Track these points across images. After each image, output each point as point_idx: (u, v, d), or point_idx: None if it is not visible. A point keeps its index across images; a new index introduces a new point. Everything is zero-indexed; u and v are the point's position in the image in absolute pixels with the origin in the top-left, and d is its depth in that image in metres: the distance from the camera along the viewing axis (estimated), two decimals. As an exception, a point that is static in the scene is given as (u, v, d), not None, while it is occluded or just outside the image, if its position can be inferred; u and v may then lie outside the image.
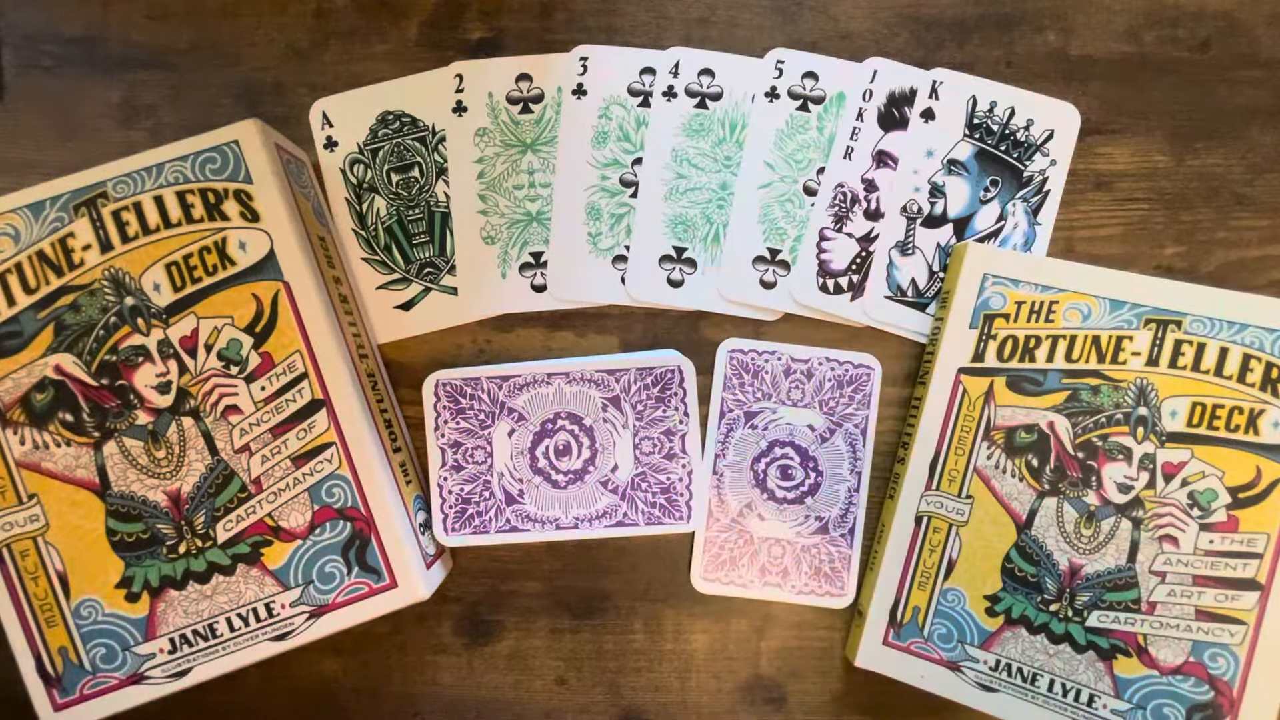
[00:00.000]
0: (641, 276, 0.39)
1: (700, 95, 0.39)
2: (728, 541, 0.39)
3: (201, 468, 0.33)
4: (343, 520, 0.34)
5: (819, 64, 0.38)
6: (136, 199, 0.33)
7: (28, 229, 0.33)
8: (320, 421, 0.34)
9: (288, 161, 0.35)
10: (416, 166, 0.39)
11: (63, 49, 0.39)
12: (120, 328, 0.33)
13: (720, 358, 0.39)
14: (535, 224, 0.39)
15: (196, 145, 0.33)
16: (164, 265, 0.33)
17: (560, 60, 0.39)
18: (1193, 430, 0.35)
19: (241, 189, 0.33)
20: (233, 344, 0.33)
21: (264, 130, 0.34)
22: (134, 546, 0.33)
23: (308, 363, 0.33)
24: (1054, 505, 0.36)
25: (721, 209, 0.39)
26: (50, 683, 0.33)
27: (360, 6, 0.39)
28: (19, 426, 0.33)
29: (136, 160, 0.33)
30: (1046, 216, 0.38)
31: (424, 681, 0.40)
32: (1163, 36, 0.38)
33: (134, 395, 0.33)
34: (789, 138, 0.39)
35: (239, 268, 0.33)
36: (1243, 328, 0.34)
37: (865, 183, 0.38)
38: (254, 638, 0.33)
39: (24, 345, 0.33)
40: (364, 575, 0.34)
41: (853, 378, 0.38)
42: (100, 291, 0.33)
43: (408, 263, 0.39)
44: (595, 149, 0.39)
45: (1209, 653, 0.34)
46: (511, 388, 0.37)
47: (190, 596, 0.33)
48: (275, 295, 0.33)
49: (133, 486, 0.33)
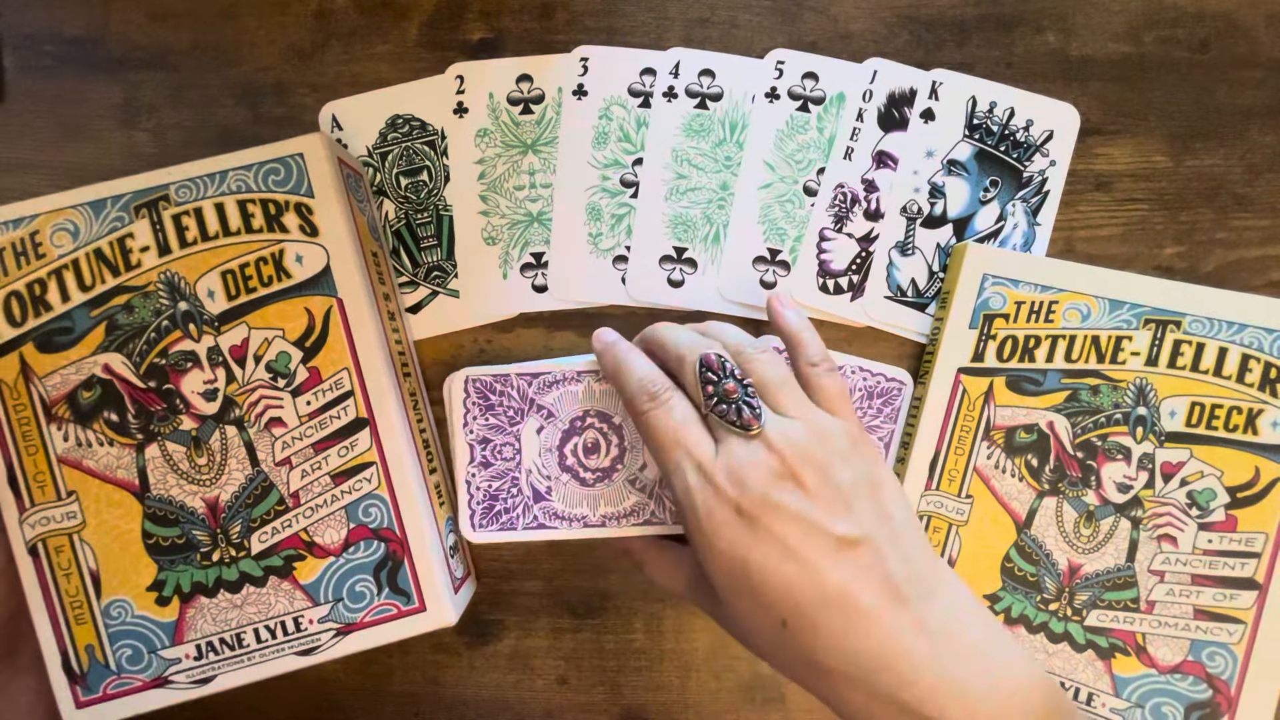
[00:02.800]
0: (642, 277, 0.39)
1: (701, 96, 0.39)
2: None
3: (241, 478, 0.33)
4: (377, 540, 0.34)
5: (819, 64, 0.39)
6: (198, 204, 0.33)
7: (87, 226, 0.33)
8: (362, 440, 0.34)
9: (348, 176, 0.35)
10: (425, 170, 0.39)
11: (63, 49, 0.39)
12: (172, 332, 0.33)
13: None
14: (536, 224, 0.39)
15: (261, 155, 0.33)
16: (220, 273, 0.33)
17: (561, 61, 0.39)
18: (1191, 430, 0.35)
19: (303, 202, 0.33)
20: (282, 357, 0.33)
21: (329, 144, 0.34)
22: (169, 551, 0.33)
23: (355, 381, 0.34)
24: (1053, 505, 0.36)
25: (722, 209, 0.39)
26: (75, 679, 0.33)
27: (361, 7, 0.39)
28: (63, 422, 0.33)
29: (201, 166, 0.33)
30: (1046, 217, 0.38)
31: (425, 681, 0.40)
32: (1162, 37, 0.38)
33: (180, 400, 0.33)
34: (789, 138, 0.39)
35: (294, 281, 0.33)
36: (1242, 328, 0.35)
37: (865, 183, 0.39)
38: (280, 651, 0.33)
39: (75, 342, 0.33)
40: (394, 597, 0.34)
41: (883, 390, 0.38)
42: (155, 294, 0.33)
43: (415, 266, 0.39)
44: (596, 149, 0.39)
45: (1207, 651, 0.35)
46: (541, 384, 0.37)
47: (220, 605, 0.33)
48: (328, 311, 0.33)
49: (172, 491, 0.33)
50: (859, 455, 0.29)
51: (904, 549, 0.28)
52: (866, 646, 0.26)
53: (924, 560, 0.28)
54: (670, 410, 0.30)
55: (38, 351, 0.33)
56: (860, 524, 0.27)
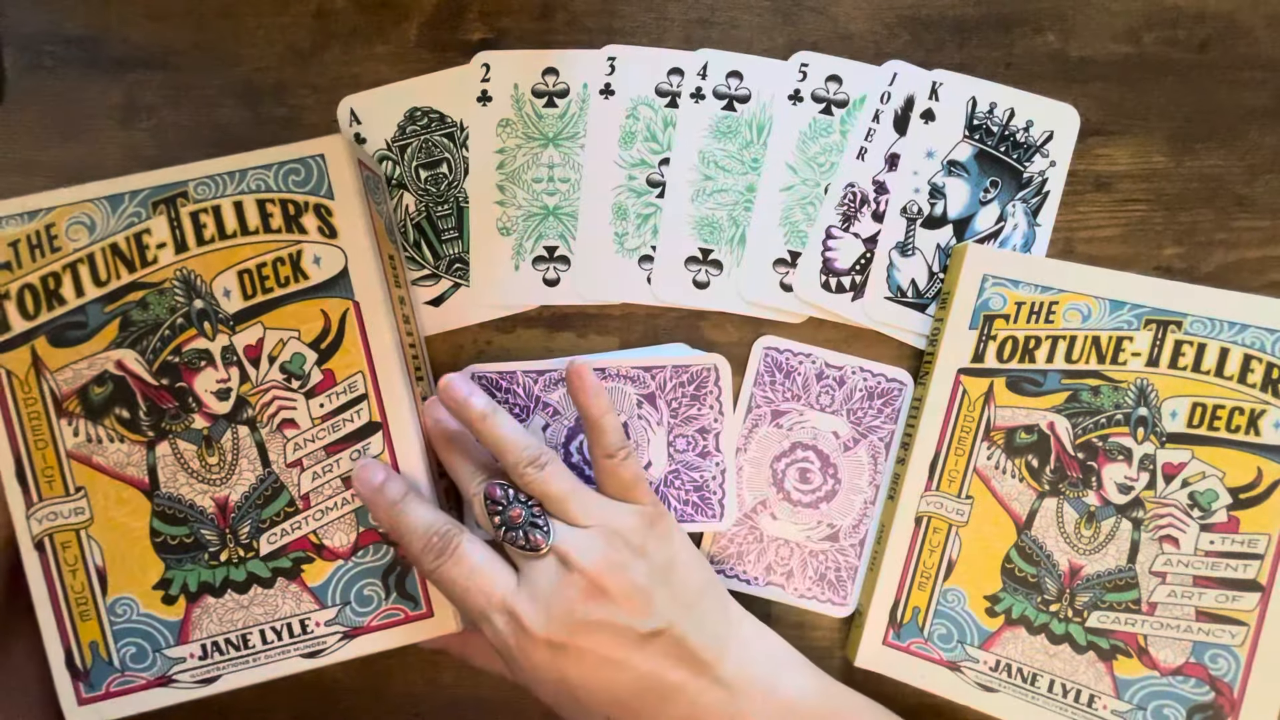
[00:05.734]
0: (667, 277, 0.39)
1: (728, 97, 0.39)
2: (737, 535, 0.39)
3: (252, 478, 0.33)
4: (386, 545, 0.34)
5: (843, 67, 0.38)
6: (216, 202, 0.33)
7: (104, 221, 0.33)
8: (375, 444, 0.34)
9: (366, 177, 0.35)
10: (445, 162, 0.39)
11: (63, 49, 0.39)
12: (186, 330, 0.33)
13: (755, 354, 0.39)
14: (552, 218, 0.39)
15: (281, 155, 0.33)
16: (236, 272, 0.33)
17: (588, 56, 0.39)
18: (1193, 431, 0.35)
19: (322, 203, 0.33)
20: (296, 358, 0.33)
21: (350, 146, 0.34)
22: (176, 549, 0.33)
23: (369, 384, 0.33)
24: (1054, 506, 0.36)
25: (748, 211, 0.39)
26: (78, 676, 0.33)
27: (360, 7, 0.39)
28: (74, 418, 0.33)
29: (220, 164, 0.33)
30: (1046, 217, 0.38)
31: (425, 680, 0.40)
32: (1162, 37, 0.38)
33: (193, 399, 0.33)
34: (811, 140, 0.39)
35: (311, 282, 0.33)
36: (1243, 328, 0.34)
37: (876, 184, 0.38)
38: (285, 653, 0.33)
39: (88, 337, 0.33)
40: (401, 601, 0.34)
41: (884, 390, 0.38)
42: (170, 291, 0.33)
43: (436, 259, 0.39)
44: (622, 149, 0.39)
45: (1209, 653, 0.34)
46: (547, 382, 0.37)
47: (227, 605, 0.33)
48: (344, 314, 0.33)
49: (181, 490, 0.33)
50: (654, 540, 0.32)
51: (698, 620, 0.32)
52: (678, 712, 0.31)
53: (717, 621, 0.33)
54: (458, 560, 0.31)
55: (50, 345, 0.33)
56: (661, 615, 0.31)
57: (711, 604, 0.33)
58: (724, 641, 0.32)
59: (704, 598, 0.33)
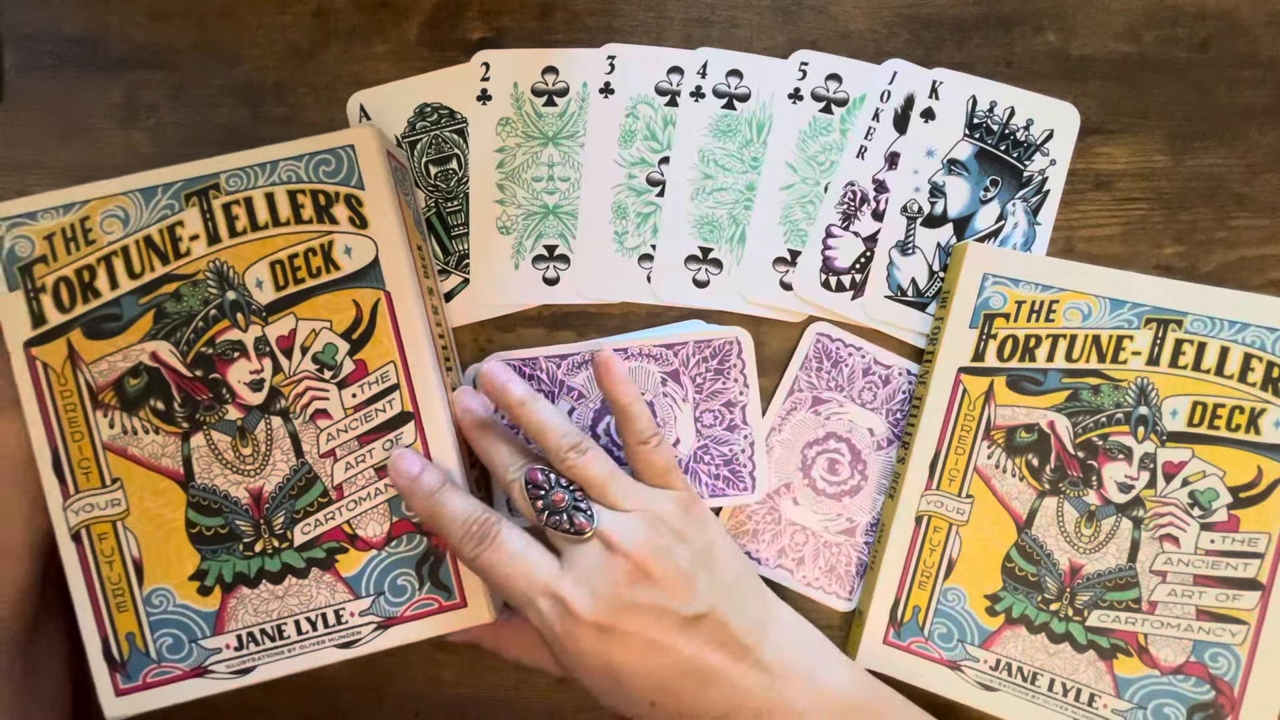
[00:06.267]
0: (667, 276, 0.39)
1: (728, 96, 0.39)
2: (756, 512, 0.39)
3: (286, 469, 0.33)
4: (420, 535, 0.34)
5: (843, 66, 0.38)
6: (248, 194, 0.33)
7: (137, 213, 0.33)
8: (408, 434, 0.34)
9: (395, 168, 0.35)
10: (455, 158, 0.39)
11: (63, 49, 0.39)
12: (219, 321, 0.33)
13: (807, 338, 0.39)
14: (551, 217, 0.39)
15: (312, 146, 0.33)
16: (269, 263, 0.33)
17: (587, 55, 0.39)
18: (1193, 430, 0.35)
19: (353, 194, 0.33)
20: (329, 348, 0.33)
21: (380, 137, 0.34)
22: (211, 540, 0.33)
23: (401, 374, 0.33)
24: (1054, 505, 0.36)
25: (748, 210, 0.39)
26: (115, 667, 0.33)
27: (360, 6, 0.39)
28: (109, 409, 0.33)
29: (252, 155, 0.33)
30: (1046, 216, 0.38)
31: (426, 680, 0.40)
32: (1162, 36, 0.38)
33: (226, 390, 0.33)
34: (811, 139, 0.39)
35: (342, 273, 0.33)
36: (1244, 327, 0.34)
37: (876, 183, 0.38)
38: (320, 643, 0.33)
39: (122, 329, 0.33)
40: (435, 591, 0.34)
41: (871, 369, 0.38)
42: (203, 283, 0.33)
43: (447, 254, 0.39)
44: (622, 148, 0.39)
45: (1210, 652, 0.34)
46: (570, 366, 0.37)
47: (262, 595, 0.33)
48: (376, 304, 0.33)
49: (216, 481, 0.33)
50: (693, 525, 0.32)
51: (739, 604, 0.32)
52: (720, 696, 0.31)
53: (756, 606, 0.33)
54: (499, 547, 0.31)
55: (85, 338, 0.33)
56: (703, 599, 0.31)
57: (750, 589, 0.33)
58: (764, 626, 0.32)
59: (741, 583, 0.33)
